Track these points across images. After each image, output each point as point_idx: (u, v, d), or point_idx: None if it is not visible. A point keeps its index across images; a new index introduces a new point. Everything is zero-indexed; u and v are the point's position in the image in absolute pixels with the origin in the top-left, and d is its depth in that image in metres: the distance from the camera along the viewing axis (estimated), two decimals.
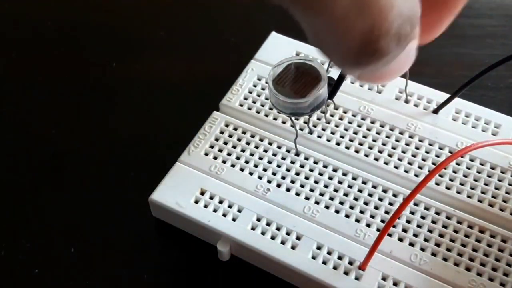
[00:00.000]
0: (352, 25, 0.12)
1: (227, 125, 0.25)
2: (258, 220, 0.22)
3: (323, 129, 0.25)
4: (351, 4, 0.11)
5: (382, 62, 0.13)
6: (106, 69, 0.30)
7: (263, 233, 0.22)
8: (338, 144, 0.24)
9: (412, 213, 0.22)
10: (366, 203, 0.23)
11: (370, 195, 0.23)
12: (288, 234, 0.22)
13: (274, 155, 0.24)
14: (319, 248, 0.22)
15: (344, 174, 0.24)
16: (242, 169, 0.24)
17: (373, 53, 0.13)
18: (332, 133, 0.25)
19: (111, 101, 0.29)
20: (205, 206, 0.23)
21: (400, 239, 0.22)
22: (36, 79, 0.30)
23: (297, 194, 0.23)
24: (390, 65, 0.14)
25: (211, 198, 0.23)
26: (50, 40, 0.32)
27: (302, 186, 0.23)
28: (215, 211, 0.23)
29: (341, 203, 0.23)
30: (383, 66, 0.14)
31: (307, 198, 0.23)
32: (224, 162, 0.24)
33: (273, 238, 0.22)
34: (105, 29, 0.32)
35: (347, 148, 0.24)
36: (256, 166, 0.24)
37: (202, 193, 0.23)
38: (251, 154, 0.24)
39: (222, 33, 0.32)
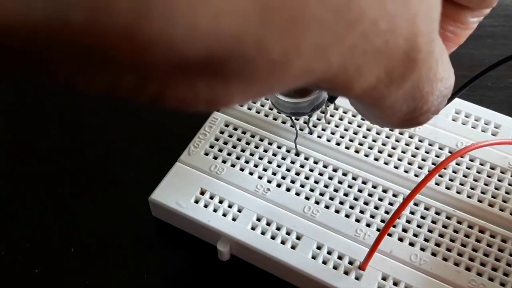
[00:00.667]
0: (398, 110, 0.13)
1: (227, 125, 0.25)
2: (258, 220, 0.22)
3: (323, 129, 0.25)
4: (400, 96, 0.12)
5: None
6: None
7: (263, 233, 0.22)
8: (338, 144, 0.24)
9: (412, 213, 0.22)
10: (366, 203, 0.23)
11: (370, 195, 0.23)
12: (288, 234, 0.22)
13: (274, 155, 0.24)
14: (319, 248, 0.22)
15: (344, 174, 0.24)
16: (242, 169, 0.24)
17: (414, 126, 0.14)
18: (332, 133, 0.25)
19: (111, 101, 0.29)
20: (205, 206, 0.23)
21: (400, 239, 0.22)
22: (35, 79, 0.30)
23: (297, 194, 0.23)
24: None
25: (211, 198, 0.23)
26: None
27: (302, 186, 0.23)
28: (215, 211, 0.23)
29: (341, 203, 0.23)
30: None
31: (307, 198, 0.23)
32: (224, 162, 0.24)
33: (273, 238, 0.22)
34: None
35: (347, 148, 0.24)
36: (256, 166, 0.24)
37: (202, 193, 0.23)
38: (251, 154, 0.24)
39: None
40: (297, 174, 0.24)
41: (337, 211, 0.23)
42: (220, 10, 0.08)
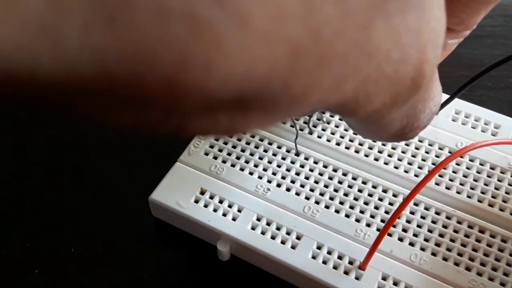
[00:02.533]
0: (392, 127, 0.13)
1: None
2: (258, 220, 0.22)
3: (323, 129, 0.25)
4: (396, 115, 0.13)
5: None
6: None
7: (263, 233, 0.22)
8: (338, 144, 0.24)
9: (412, 213, 0.23)
10: (366, 203, 0.23)
11: (370, 195, 0.23)
12: (288, 234, 0.22)
13: (274, 155, 0.24)
14: (319, 248, 0.22)
15: (344, 174, 0.24)
16: (242, 169, 0.24)
17: (402, 140, 0.16)
18: (332, 133, 0.25)
19: None
20: (205, 206, 0.23)
21: (400, 239, 0.22)
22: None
23: (297, 194, 0.23)
24: None
25: (211, 198, 0.23)
26: None
27: (302, 186, 0.23)
28: (215, 211, 0.23)
29: (341, 203, 0.23)
30: None
31: (307, 198, 0.23)
32: (224, 162, 0.24)
33: (273, 238, 0.22)
34: None
35: (347, 148, 0.24)
36: (256, 166, 0.24)
37: (202, 193, 0.23)
38: (251, 154, 0.24)
39: None
40: (297, 174, 0.24)
41: (337, 211, 0.23)
42: (255, 57, 0.08)
